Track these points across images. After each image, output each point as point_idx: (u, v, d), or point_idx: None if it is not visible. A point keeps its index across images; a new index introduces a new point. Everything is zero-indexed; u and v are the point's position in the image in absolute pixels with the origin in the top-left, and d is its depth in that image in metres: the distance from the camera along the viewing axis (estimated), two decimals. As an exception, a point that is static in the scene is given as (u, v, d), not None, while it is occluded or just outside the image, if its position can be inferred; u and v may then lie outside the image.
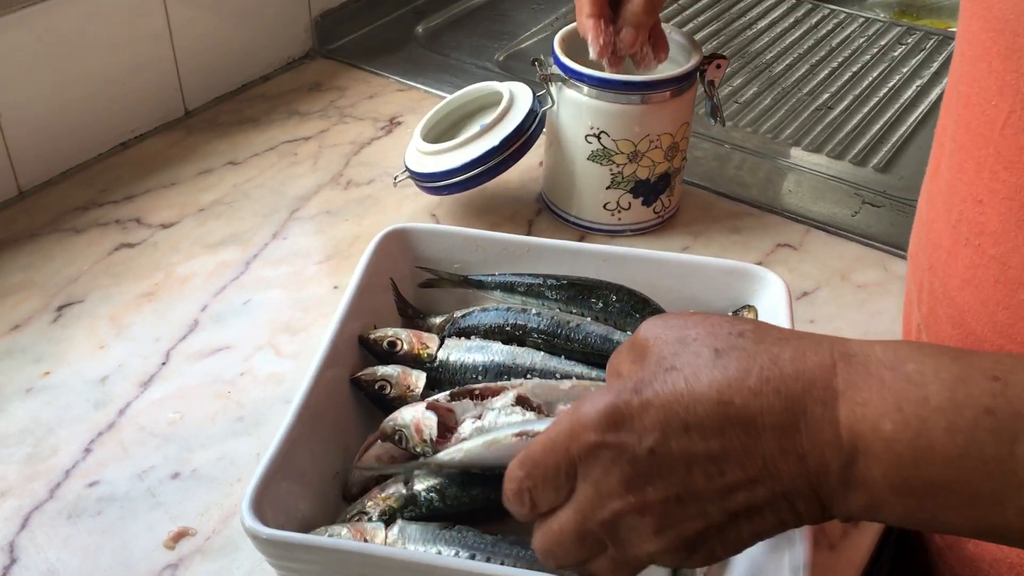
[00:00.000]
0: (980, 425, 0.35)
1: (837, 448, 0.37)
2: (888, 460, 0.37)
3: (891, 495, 0.37)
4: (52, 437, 0.64)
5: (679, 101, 0.79)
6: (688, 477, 0.39)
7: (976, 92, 0.53)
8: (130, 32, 0.92)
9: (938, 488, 0.36)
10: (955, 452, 0.36)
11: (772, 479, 0.38)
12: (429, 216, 0.86)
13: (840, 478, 0.38)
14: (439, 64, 1.10)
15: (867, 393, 0.37)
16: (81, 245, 0.82)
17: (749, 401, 0.38)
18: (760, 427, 0.38)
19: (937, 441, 0.36)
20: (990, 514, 0.36)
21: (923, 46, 1.18)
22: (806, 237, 0.85)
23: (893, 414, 0.36)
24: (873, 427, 0.37)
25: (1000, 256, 0.52)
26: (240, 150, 0.95)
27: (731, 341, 0.40)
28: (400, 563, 0.50)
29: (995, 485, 0.36)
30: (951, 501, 0.37)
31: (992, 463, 0.35)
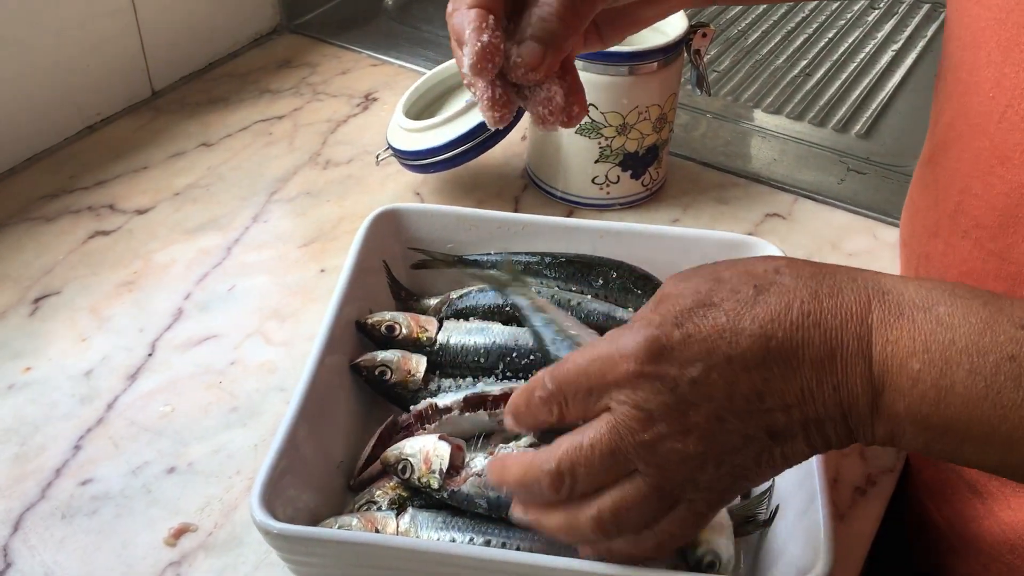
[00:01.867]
0: (1001, 370, 0.37)
1: (868, 380, 0.39)
2: (912, 396, 0.38)
3: (913, 427, 0.39)
4: (39, 435, 0.62)
5: (667, 72, 0.78)
6: (730, 402, 0.40)
7: (974, 82, 0.52)
8: (91, 8, 0.88)
9: (957, 426, 0.38)
10: (975, 394, 0.37)
11: (808, 406, 0.40)
12: (413, 195, 0.85)
13: (868, 408, 0.39)
14: (411, 37, 1.08)
15: (898, 331, 0.39)
16: (53, 234, 0.79)
17: (791, 335, 0.39)
18: (800, 359, 0.39)
19: (959, 382, 0.37)
20: (1005, 454, 0.38)
21: (895, 10, 1.18)
22: (794, 206, 0.84)
23: (921, 354, 0.38)
24: (901, 364, 0.38)
25: (999, 251, 0.52)
26: (212, 131, 0.92)
27: (769, 277, 0.41)
28: (413, 553, 0.49)
29: (1011, 427, 0.37)
30: (968, 439, 0.38)
31: (1009, 407, 0.37)
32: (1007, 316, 0.38)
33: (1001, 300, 0.39)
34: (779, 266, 0.42)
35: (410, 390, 0.60)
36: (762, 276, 0.41)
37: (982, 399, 0.37)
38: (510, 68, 0.48)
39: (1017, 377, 0.37)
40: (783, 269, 0.41)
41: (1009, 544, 0.55)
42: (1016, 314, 0.38)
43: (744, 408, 0.40)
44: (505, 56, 0.47)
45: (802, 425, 0.41)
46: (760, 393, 0.40)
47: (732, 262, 0.43)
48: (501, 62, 0.47)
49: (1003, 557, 0.56)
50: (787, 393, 0.40)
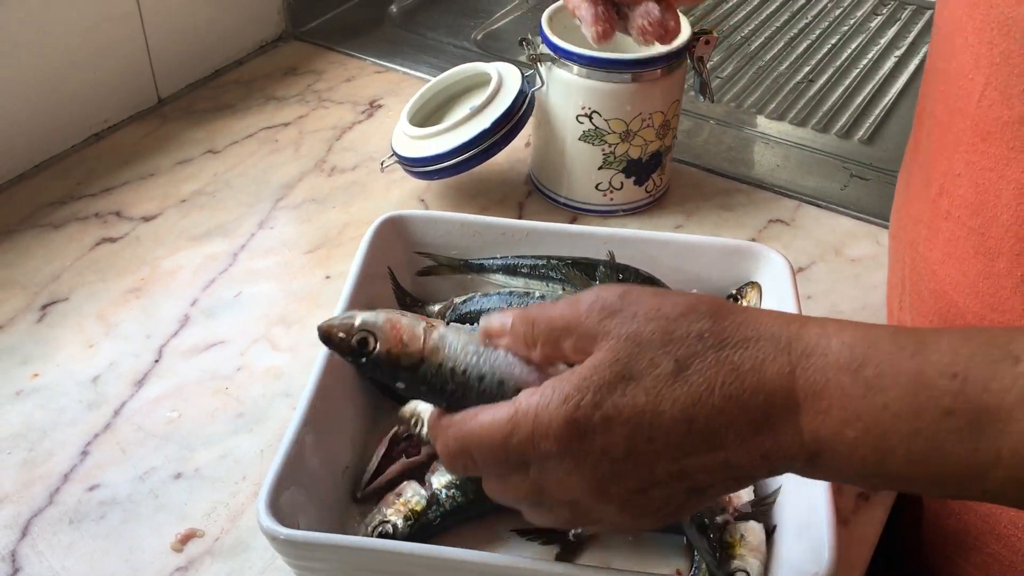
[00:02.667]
0: (942, 427, 0.36)
1: (800, 448, 0.38)
2: (854, 461, 0.38)
3: (854, 477, 0.40)
4: (47, 441, 0.63)
5: (670, 79, 0.78)
6: (651, 476, 0.40)
7: (953, 66, 0.53)
8: (97, 16, 0.89)
9: (902, 480, 0.38)
10: (918, 455, 0.37)
11: (734, 470, 0.40)
12: (417, 201, 0.85)
13: (805, 466, 0.39)
14: (416, 44, 1.08)
15: (828, 401, 0.38)
16: (61, 241, 0.79)
17: (713, 417, 0.38)
18: (724, 440, 0.39)
19: (900, 446, 0.37)
20: (956, 493, 0.39)
21: (898, 16, 1.19)
22: (797, 212, 0.85)
23: (854, 422, 0.37)
24: (835, 433, 0.37)
25: (979, 227, 0.53)
26: (218, 138, 0.93)
27: (691, 347, 0.39)
28: (419, 558, 0.49)
29: (960, 477, 0.37)
30: (915, 487, 0.39)
31: (955, 460, 0.36)
32: (935, 367, 0.37)
33: (926, 346, 0.38)
34: (702, 331, 0.40)
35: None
36: (682, 345, 0.39)
37: (924, 458, 0.37)
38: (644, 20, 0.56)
39: (958, 431, 0.36)
40: (706, 335, 0.40)
41: (1013, 546, 0.56)
42: (944, 361, 0.37)
43: (665, 480, 0.40)
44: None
45: (729, 480, 0.41)
46: (683, 468, 0.40)
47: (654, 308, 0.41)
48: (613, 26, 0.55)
49: (1006, 558, 0.56)
50: (710, 463, 0.39)
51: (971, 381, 0.36)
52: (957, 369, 0.36)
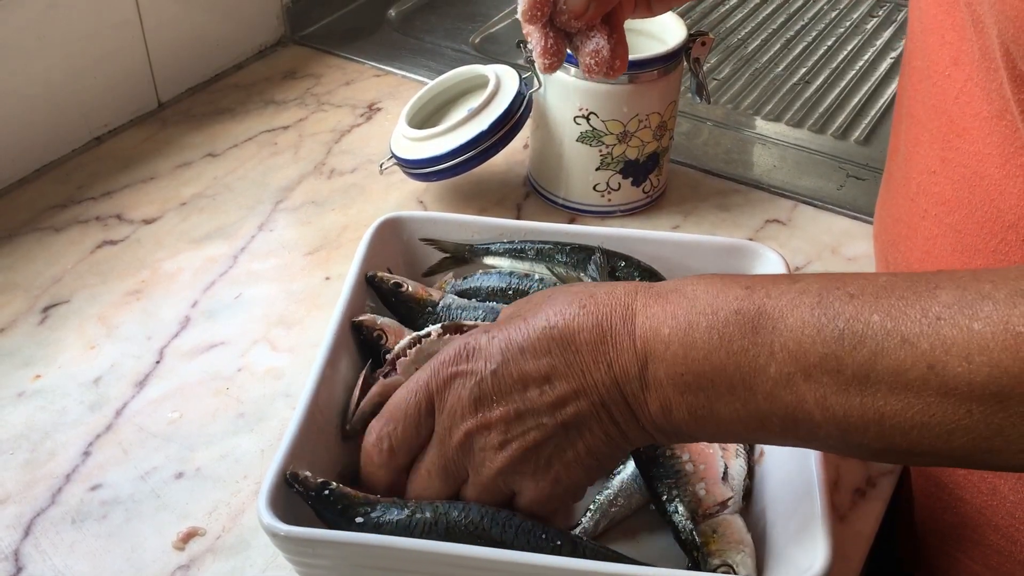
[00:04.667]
0: (730, 322, 0.43)
1: (633, 353, 0.45)
2: (667, 360, 0.44)
3: (674, 392, 0.44)
4: (49, 441, 0.63)
5: (667, 80, 0.79)
6: (524, 394, 0.47)
7: (930, 64, 0.54)
8: (98, 21, 0.89)
9: (705, 380, 0.43)
10: (712, 346, 0.43)
11: (590, 389, 0.46)
12: (416, 203, 0.86)
13: (639, 381, 0.45)
14: (414, 48, 1.09)
15: (655, 308, 0.45)
16: (62, 244, 0.80)
17: (568, 323, 0.46)
18: (578, 344, 0.46)
19: (700, 339, 0.43)
20: (747, 401, 0.43)
21: (894, 18, 1.19)
22: (794, 212, 0.85)
23: (670, 320, 0.44)
24: (655, 333, 0.44)
25: (955, 224, 0.54)
26: (218, 142, 0.93)
27: (564, 290, 0.49)
28: (421, 554, 0.49)
29: (744, 372, 0.42)
30: (717, 392, 0.43)
31: (739, 353, 0.42)
32: (736, 282, 0.44)
33: (736, 276, 0.46)
34: (580, 289, 0.48)
35: None
36: (559, 290, 0.49)
37: (717, 349, 0.43)
38: (557, 14, 0.56)
39: (742, 325, 0.42)
40: (579, 285, 0.49)
41: (1011, 537, 0.56)
42: (742, 280, 0.44)
43: (538, 400, 0.47)
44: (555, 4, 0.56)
45: (591, 412, 0.46)
46: (549, 380, 0.46)
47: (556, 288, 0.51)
48: (549, 11, 0.56)
49: (1004, 549, 0.56)
50: (571, 377, 0.46)
51: (756, 290, 0.43)
52: (750, 284, 0.44)
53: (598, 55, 0.58)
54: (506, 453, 0.48)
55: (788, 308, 0.42)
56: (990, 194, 0.51)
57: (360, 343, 0.62)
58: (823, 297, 0.41)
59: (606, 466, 0.50)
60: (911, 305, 0.39)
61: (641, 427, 0.46)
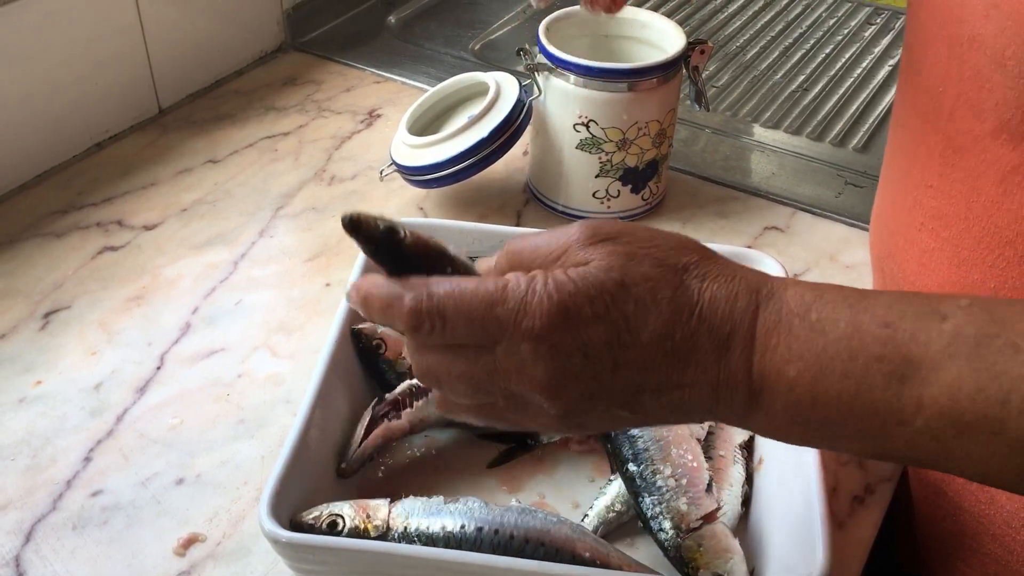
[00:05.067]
0: (871, 370, 0.39)
1: (746, 384, 0.41)
2: (789, 399, 0.40)
3: (788, 424, 0.41)
4: (50, 447, 0.63)
5: (666, 88, 0.79)
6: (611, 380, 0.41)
7: (924, 79, 0.54)
8: (100, 28, 0.89)
9: (832, 424, 0.40)
10: (848, 396, 0.39)
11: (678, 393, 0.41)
12: (416, 209, 0.86)
13: (745, 406, 0.41)
14: (414, 55, 1.09)
15: (776, 339, 0.41)
16: (63, 249, 0.80)
17: (687, 338, 0.41)
18: (689, 362, 0.41)
19: (832, 386, 0.39)
20: (879, 445, 0.40)
21: (891, 26, 1.20)
22: (792, 219, 0.86)
23: (796, 361, 0.40)
24: (778, 371, 0.40)
25: (952, 238, 0.54)
26: (219, 148, 0.94)
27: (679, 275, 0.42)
28: (420, 560, 0.50)
29: (883, 422, 0.39)
30: (844, 434, 0.40)
31: (880, 404, 0.39)
32: (871, 317, 0.40)
33: (866, 299, 0.41)
34: (689, 263, 0.42)
35: (396, 371, 0.62)
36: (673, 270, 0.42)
37: (854, 399, 0.39)
38: None
39: (886, 375, 0.39)
40: (691, 267, 0.42)
41: (1008, 546, 0.56)
42: (878, 312, 0.40)
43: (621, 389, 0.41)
44: None
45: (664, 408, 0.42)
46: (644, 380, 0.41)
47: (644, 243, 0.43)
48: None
49: (1001, 559, 0.57)
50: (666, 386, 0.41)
51: (900, 331, 0.39)
52: (889, 320, 0.39)
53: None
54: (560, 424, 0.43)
55: (940, 359, 0.38)
56: (987, 210, 0.51)
57: (359, 350, 0.62)
58: (982, 348, 0.38)
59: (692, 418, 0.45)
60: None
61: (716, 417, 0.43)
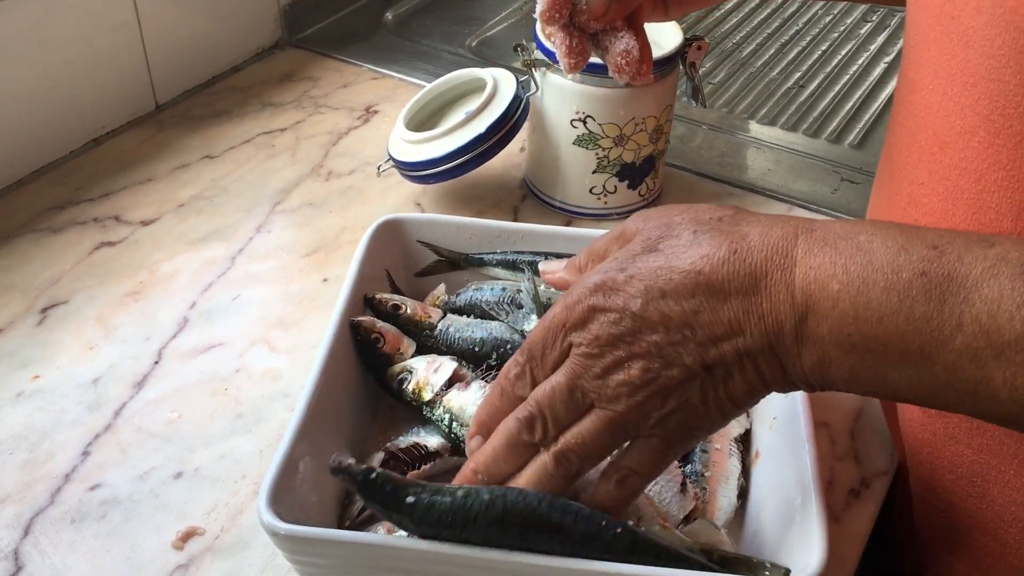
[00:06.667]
0: (914, 285, 0.39)
1: (791, 306, 0.41)
2: (833, 317, 0.40)
3: (836, 351, 0.41)
4: (48, 442, 0.63)
5: (663, 84, 0.79)
6: (666, 334, 0.43)
7: (920, 78, 0.55)
8: (97, 24, 0.89)
9: (876, 343, 0.40)
10: (890, 309, 0.39)
11: (737, 337, 0.42)
12: (413, 205, 0.86)
13: (794, 335, 0.41)
14: (411, 51, 1.09)
15: (820, 258, 0.41)
16: (60, 245, 0.80)
17: (717, 268, 0.42)
18: (727, 291, 0.42)
19: (875, 299, 0.39)
20: (921, 371, 0.40)
21: (887, 23, 1.20)
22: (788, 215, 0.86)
23: (840, 275, 0.40)
24: (822, 287, 0.40)
25: None
26: (216, 144, 0.94)
27: (711, 224, 0.44)
28: (420, 554, 0.50)
29: (924, 340, 0.39)
30: (888, 357, 0.40)
31: (921, 319, 0.39)
32: (920, 238, 0.40)
33: (917, 228, 0.41)
34: (723, 214, 0.45)
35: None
36: (705, 222, 0.45)
37: (895, 313, 0.39)
38: (577, 14, 0.56)
39: (928, 291, 0.39)
40: (726, 217, 0.45)
41: (1001, 540, 0.56)
42: (928, 237, 0.40)
43: (680, 339, 0.43)
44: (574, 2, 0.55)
45: (735, 359, 0.43)
46: (692, 324, 0.43)
47: (688, 207, 0.47)
48: (568, 12, 0.56)
49: (995, 552, 0.57)
50: (716, 324, 0.43)
51: (947, 252, 0.39)
52: (938, 242, 0.40)
53: (629, 55, 0.58)
54: (647, 389, 0.44)
55: (983, 277, 0.38)
56: (974, 207, 0.51)
57: (357, 343, 0.62)
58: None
59: (743, 410, 0.47)
60: None
61: (788, 379, 0.44)
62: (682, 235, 0.44)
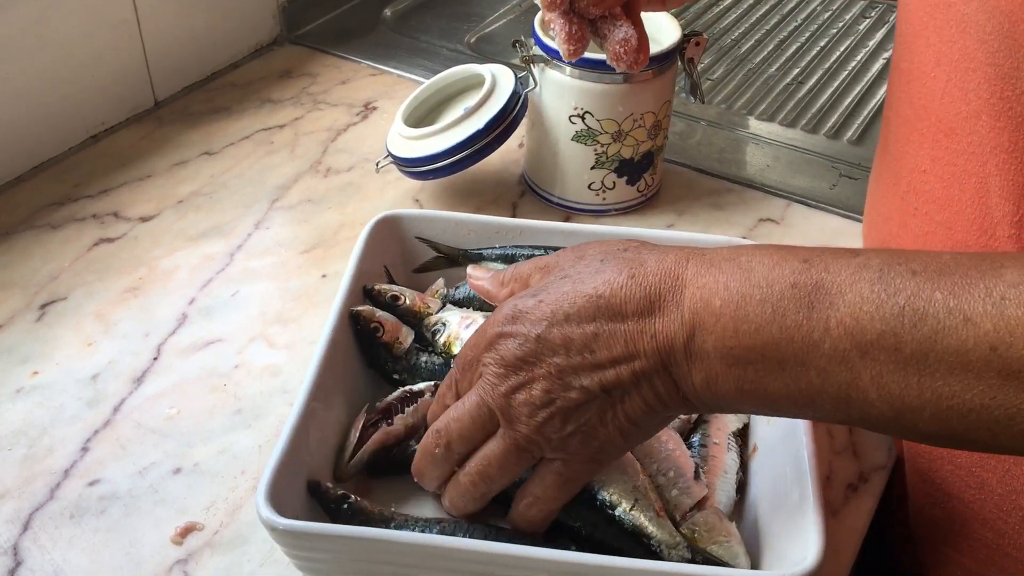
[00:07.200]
0: (786, 296, 0.42)
1: (680, 325, 0.44)
2: (716, 332, 0.43)
3: (721, 365, 0.43)
4: (47, 437, 0.63)
5: (661, 80, 0.79)
6: (567, 357, 0.46)
7: (916, 66, 0.55)
8: (96, 21, 0.90)
9: (755, 354, 0.42)
10: (765, 320, 0.42)
11: (634, 359, 0.45)
12: (412, 201, 0.86)
13: (683, 352, 0.44)
14: (410, 47, 1.09)
15: (706, 278, 0.44)
16: (59, 241, 0.80)
17: (616, 292, 0.46)
18: (624, 313, 0.45)
19: (752, 311, 0.42)
20: (798, 377, 0.42)
21: (886, 19, 1.20)
22: (787, 211, 0.86)
23: (722, 292, 0.43)
24: (706, 304, 0.44)
25: (946, 221, 0.55)
26: (214, 140, 0.94)
27: (617, 254, 0.48)
28: (418, 548, 0.50)
29: (796, 348, 0.41)
30: (767, 366, 0.42)
31: (793, 327, 0.41)
32: (794, 254, 0.43)
33: (794, 247, 0.44)
34: (630, 245, 0.48)
35: (393, 355, 0.63)
36: (612, 252, 0.48)
37: (770, 323, 0.42)
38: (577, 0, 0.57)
39: (798, 300, 0.41)
40: (631, 248, 0.48)
41: (1000, 531, 0.57)
42: (801, 252, 0.43)
43: (579, 362, 0.46)
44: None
45: (632, 380, 0.46)
46: (591, 346, 0.46)
47: (602, 241, 0.50)
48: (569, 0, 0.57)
49: (993, 543, 0.57)
50: (614, 345, 0.45)
51: (816, 264, 0.42)
52: (809, 256, 0.43)
53: (627, 44, 0.59)
54: (547, 410, 0.47)
55: (847, 283, 0.41)
56: (979, 191, 0.52)
57: (357, 332, 0.62)
58: (884, 272, 0.40)
59: (645, 433, 0.50)
60: (975, 284, 0.38)
61: (683, 397, 0.46)
62: (591, 263, 0.48)
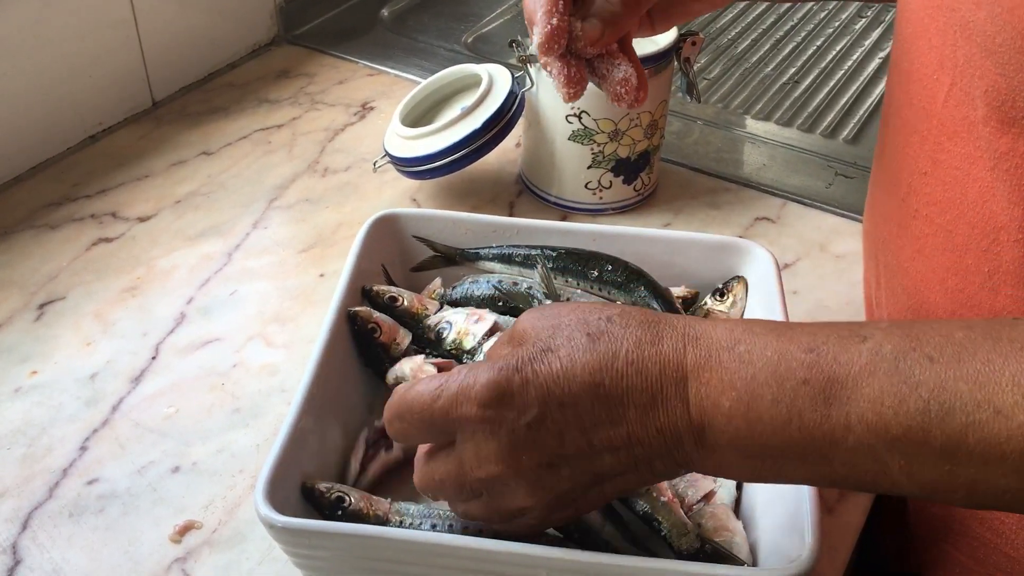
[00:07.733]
0: (799, 394, 0.41)
1: (688, 422, 0.43)
2: (729, 432, 0.42)
3: (735, 456, 0.43)
4: (46, 436, 0.64)
5: (658, 79, 0.79)
6: (560, 447, 0.44)
7: (917, 68, 0.55)
8: (94, 21, 0.90)
9: (773, 451, 0.41)
10: (781, 421, 0.41)
11: (636, 448, 0.44)
12: (409, 201, 0.86)
13: (693, 444, 0.43)
14: (407, 47, 1.10)
15: (708, 374, 0.42)
16: (57, 241, 0.80)
17: (616, 382, 0.43)
18: (625, 404, 0.43)
19: (765, 412, 0.41)
20: (820, 468, 0.41)
21: (882, 18, 1.20)
22: (783, 210, 0.86)
23: (729, 392, 0.42)
24: (714, 404, 0.42)
25: (946, 224, 0.55)
26: (212, 140, 0.94)
27: (601, 326, 0.45)
28: (416, 545, 0.50)
29: (818, 445, 0.41)
30: (785, 461, 0.42)
31: (812, 426, 0.40)
32: (795, 343, 0.42)
33: (790, 329, 0.43)
34: (611, 315, 0.45)
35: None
36: (595, 324, 0.45)
37: (787, 424, 0.41)
38: (572, 41, 0.55)
39: (813, 397, 0.40)
40: (614, 318, 0.45)
41: (996, 529, 0.57)
42: (803, 340, 0.42)
43: (574, 454, 0.44)
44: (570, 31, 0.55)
45: (630, 465, 0.44)
46: (589, 436, 0.43)
47: (575, 307, 0.47)
48: (566, 44, 0.55)
49: (990, 541, 0.57)
50: (614, 436, 0.43)
51: (823, 355, 0.41)
52: (813, 345, 0.41)
53: (627, 84, 0.58)
54: (533, 498, 0.45)
55: (862, 376, 0.40)
56: (981, 195, 0.51)
57: (354, 333, 0.62)
58: (900, 362, 0.39)
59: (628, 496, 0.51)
60: (1000, 371, 0.38)
61: (681, 473, 0.46)
62: (574, 337, 0.44)
